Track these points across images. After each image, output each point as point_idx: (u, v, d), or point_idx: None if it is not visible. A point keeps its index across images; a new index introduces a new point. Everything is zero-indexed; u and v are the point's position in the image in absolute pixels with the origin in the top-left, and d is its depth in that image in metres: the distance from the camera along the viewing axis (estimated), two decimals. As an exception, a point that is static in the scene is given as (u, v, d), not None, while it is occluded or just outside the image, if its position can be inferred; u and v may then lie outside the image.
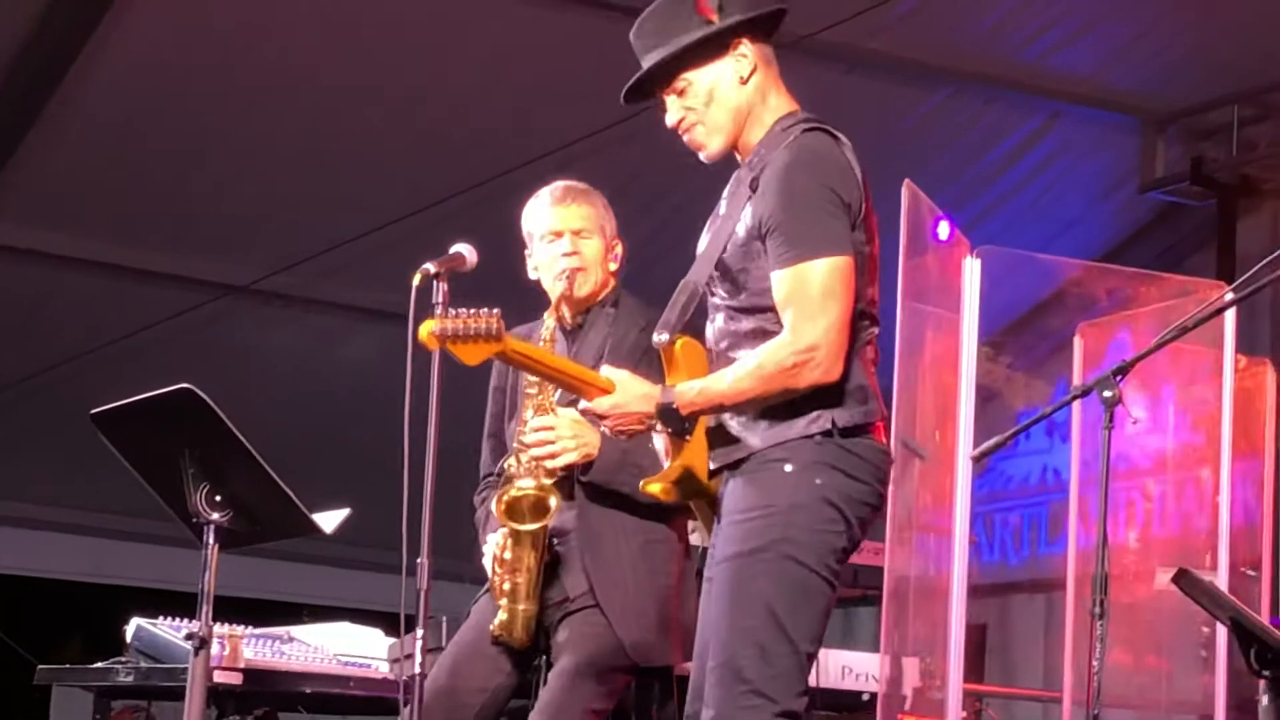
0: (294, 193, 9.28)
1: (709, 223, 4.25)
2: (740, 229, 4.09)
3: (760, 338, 4.05)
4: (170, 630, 5.56)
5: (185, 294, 9.96)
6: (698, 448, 4.17)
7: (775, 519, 3.97)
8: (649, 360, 4.36)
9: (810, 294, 3.97)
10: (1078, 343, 7.21)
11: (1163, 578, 6.66)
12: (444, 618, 5.32)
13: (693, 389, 4.05)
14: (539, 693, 4.80)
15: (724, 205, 4.21)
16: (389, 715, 5.73)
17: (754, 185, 4.10)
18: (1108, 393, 4.33)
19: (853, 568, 6.48)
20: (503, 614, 4.76)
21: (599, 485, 4.76)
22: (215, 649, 5.18)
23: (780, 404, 4.01)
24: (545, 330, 4.80)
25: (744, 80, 4.16)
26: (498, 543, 4.77)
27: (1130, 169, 9.79)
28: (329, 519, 4.74)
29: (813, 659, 4.01)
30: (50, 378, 10.33)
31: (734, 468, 4.09)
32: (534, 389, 4.79)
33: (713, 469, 4.16)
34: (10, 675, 11.99)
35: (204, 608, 4.38)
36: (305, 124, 8.87)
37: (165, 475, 4.40)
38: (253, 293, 10.00)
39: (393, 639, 5.80)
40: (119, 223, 9.45)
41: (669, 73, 4.18)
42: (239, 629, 5.51)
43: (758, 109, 4.17)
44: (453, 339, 4.03)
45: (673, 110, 4.20)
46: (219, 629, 5.27)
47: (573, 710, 4.68)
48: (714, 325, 4.17)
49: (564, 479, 4.75)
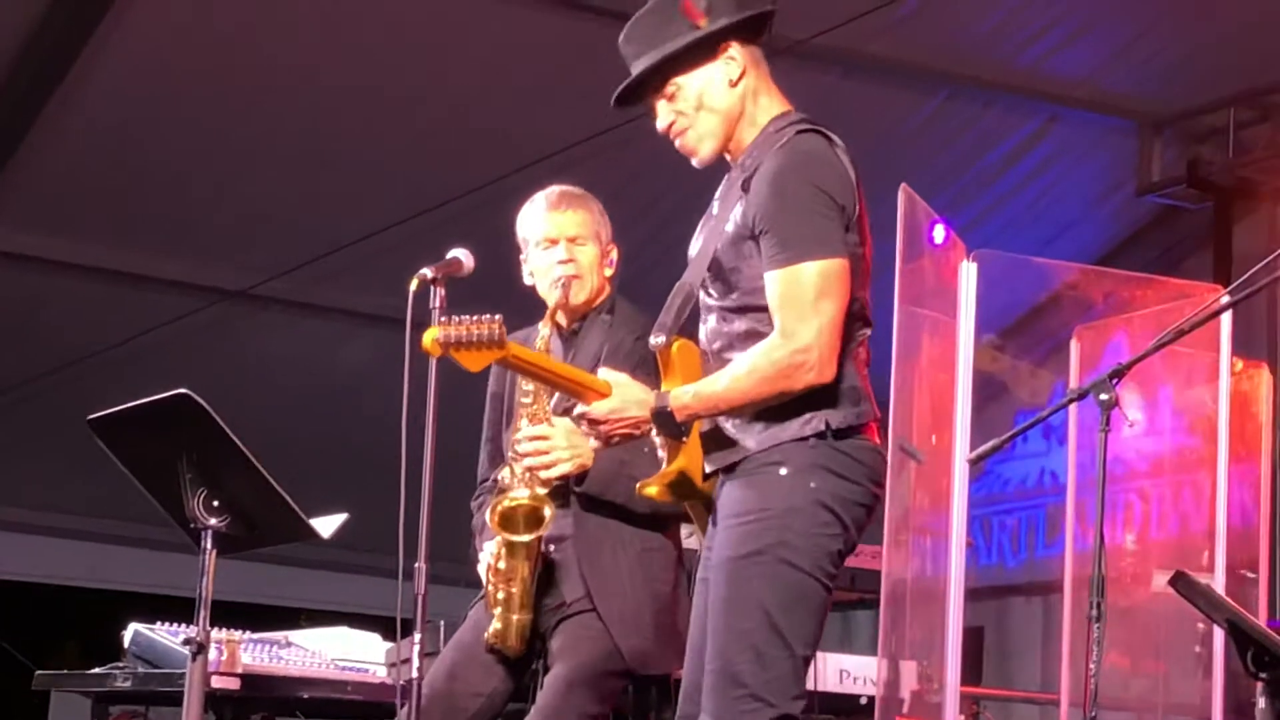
0: (291, 197, 9.28)
1: (701, 224, 4.24)
2: (731, 229, 4.09)
3: (753, 338, 4.05)
4: (168, 635, 5.56)
5: (183, 299, 9.96)
6: (694, 450, 4.17)
7: (771, 523, 3.97)
8: (646, 367, 4.35)
9: (804, 296, 3.97)
10: (1074, 346, 7.22)
11: (1160, 580, 6.66)
12: (441, 622, 5.32)
13: (687, 393, 4.05)
14: (536, 697, 4.80)
15: (716, 206, 4.20)
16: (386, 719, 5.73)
17: (745, 186, 4.09)
18: (1104, 396, 4.33)
19: (850, 571, 6.49)
20: (497, 623, 4.76)
21: (594, 495, 4.76)
22: (213, 654, 5.18)
23: (774, 406, 4.01)
24: (540, 340, 4.78)
25: (734, 83, 4.15)
26: (492, 552, 4.76)
27: (1127, 172, 9.80)
28: (326, 524, 4.74)
29: (809, 662, 4.01)
30: (48, 383, 10.33)
31: (729, 470, 4.09)
32: (529, 399, 4.77)
33: (708, 471, 4.16)
34: (8, 680, 11.98)
35: (202, 613, 4.38)
36: (303, 128, 8.87)
37: (163, 480, 4.39)
38: (250, 297, 10.00)
39: (390, 643, 5.80)
40: (117, 227, 9.45)
41: (658, 78, 4.16)
42: (237, 634, 5.51)
43: (749, 111, 4.16)
44: (455, 346, 4.02)
45: (663, 115, 4.19)
46: (216, 634, 5.27)
47: (568, 715, 4.67)
48: (706, 326, 4.17)
49: (559, 488, 4.75)
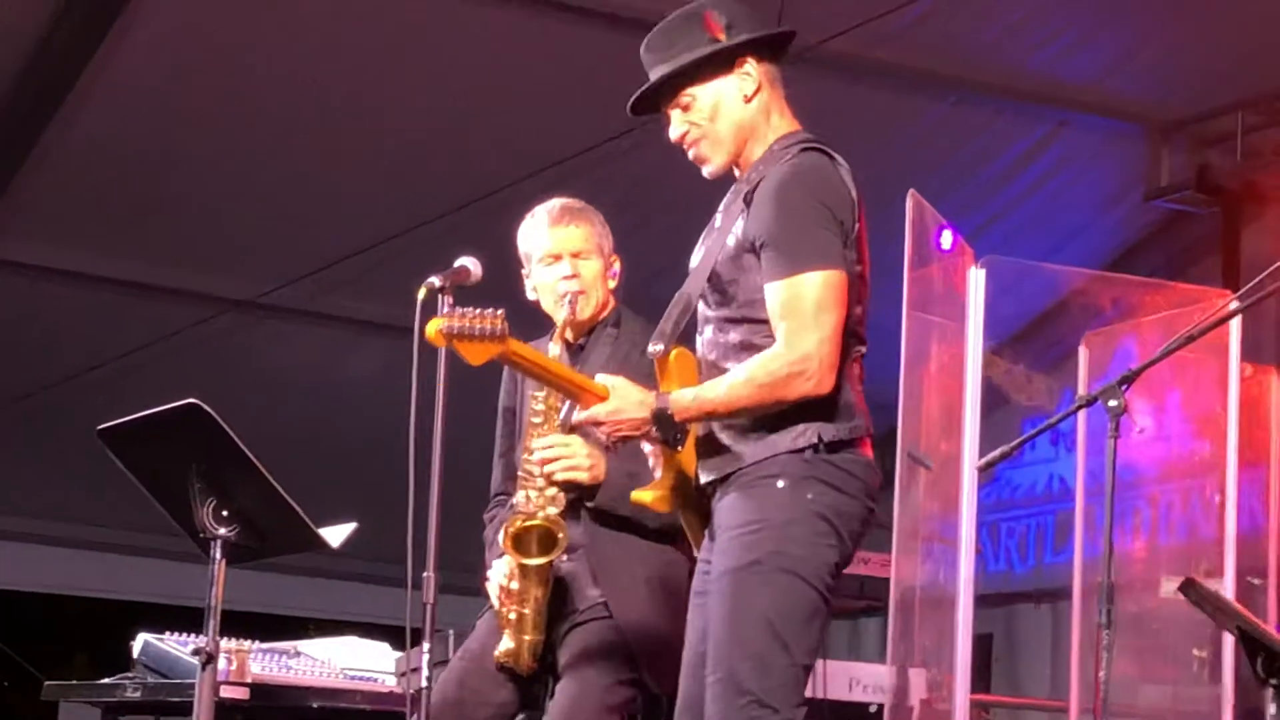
0: (298, 206, 9.28)
1: (704, 235, 4.30)
2: (732, 242, 4.15)
3: (748, 350, 4.11)
4: (177, 645, 5.57)
5: (191, 308, 9.97)
6: (688, 460, 4.21)
7: (770, 533, 4.02)
8: (652, 382, 4.37)
9: (804, 307, 4.02)
10: (1083, 352, 7.21)
11: (1169, 587, 6.66)
12: (451, 631, 5.32)
13: (687, 395, 4.10)
14: (546, 706, 4.79)
15: (719, 219, 4.26)
16: (396, 729, 5.73)
17: (748, 200, 4.15)
18: (1113, 402, 4.33)
19: (859, 579, 6.49)
20: (509, 642, 4.74)
21: (606, 509, 4.75)
22: (222, 664, 5.18)
23: (769, 417, 4.06)
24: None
25: (748, 98, 4.23)
26: (504, 573, 4.75)
27: (1135, 177, 9.78)
28: (335, 533, 4.74)
29: (809, 671, 4.05)
30: (56, 393, 10.34)
31: (724, 481, 4.14)
32: (539, 418, 4.77)
33: (704, 481, 4.20)
34: (18, 691, 12.00)
35: (211, 622, 4.38)
36: (309, 137, 8.87)
37: (172, 490, 4.40)
38: (258, 307, 10.00)
39: (399, 653, 5.80)
40: (125, 238, 9.46)
41: (674, 87, 4.24)
42: (246, 644, 5.52)
43: (761, 127, 4.24)
44: (458, 336, 4.09)
45: (677, 125, 4.26)
46: (226, 644, 5.27)
47: (581, 724, 4.67)
48: (703, 337, 4.23)
49: (571, 503, 4.74)
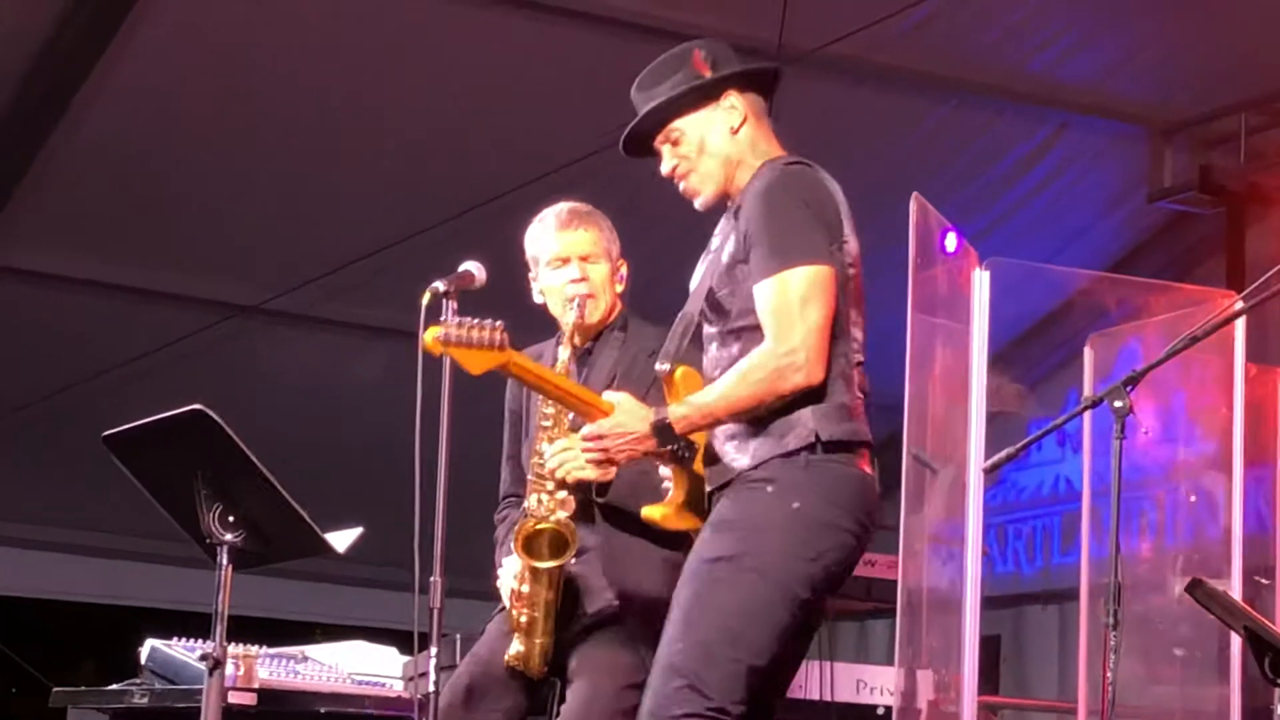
0: (302, 211, 9.29)
1: (702, 257, 4.37)
2: (725, 257, 4.22)
3: None
4: (184, 651, 5.57)
5: (195, 315, 9.97)
6: (699, 474, 4.26)
7: (746, 534, 4.07)
8: (659, 385, 4.39)
9: (790, 301, 4.08)
10: (1088, 353, 7.20)
11: (1176, 587, 6.65)
12: (458, 635, 5.32)
13: (684, 405, 4.16)
14: (555, 709, 4.79)
15: (715, 239, 4.34)
16: (404, 733, 5.73)
17: (737, 214, 4.23)
18: (1119, 403, 4.33)
19: (866, 581, 6.48)
20: (519, 645, 4.74)
21: (617, 506, 4.75)
22: (230, 669, 5.19)
23: (764, 421, 4.10)
24: (560, 365, 4.75)
25: (734, 131, 4.32)
26: (514, 573, 4.75)
27: (1138, 178, 9.79)
28: (341, 538, 4.74)
29: (760, 674, 4.04)
30: (61, 399, 10.34)
31: (723, 489, 4.19)
32: (549, 421, 4.77)
33: (707, 491, 4.25)
34: (26, 697, 12.00)
35: (218, 628, 4.39)
36: (312, 142, 8.88)
37: (178, 496, 4.40)
38: (263, 312, 10.01)
39: (407, 657, 5.80)
40: (128, 244, 9.47)
41: (662, 122, 4.34)
42: (253, 649, 5.52)
43: (748, 159, 4.31)
44: (456, 344, 4.11)
45: (667, 159, 4.36)
46: (233, 649, 5.28)
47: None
48: (707, 355, 4.28)
49: (582, 504, 4.74)
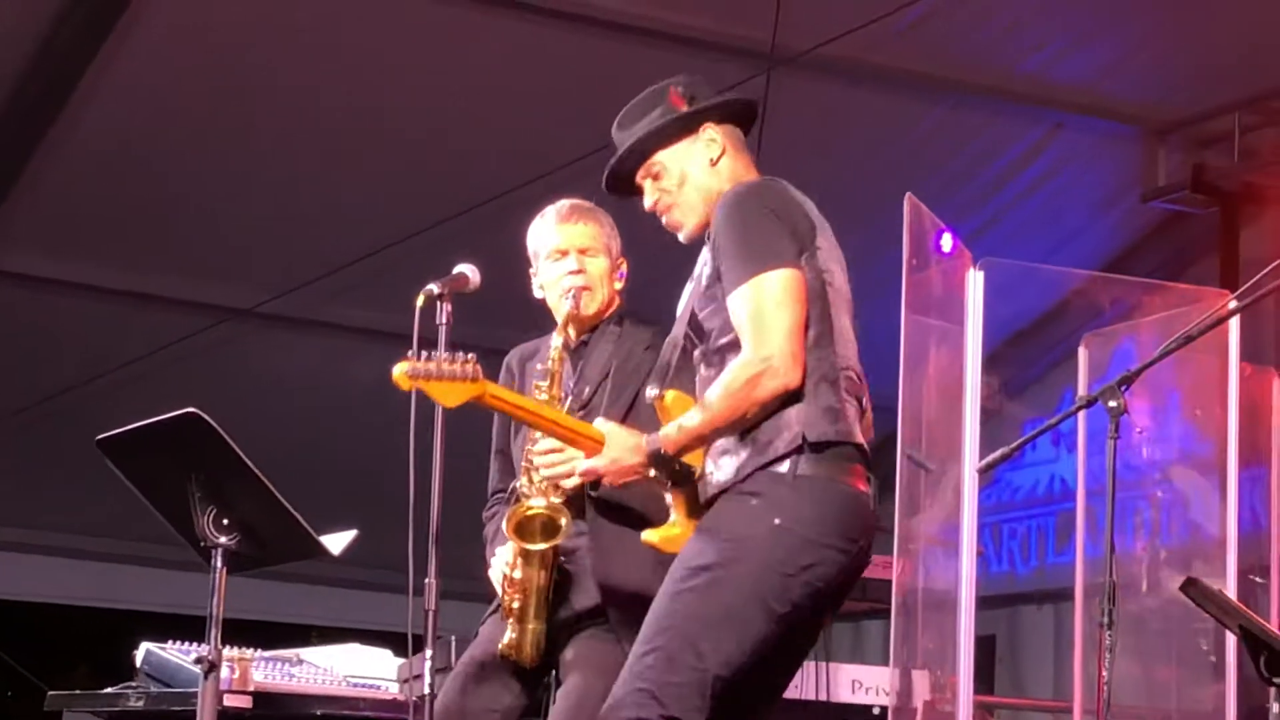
0: (296, 214, 9.29)
1: (688, 284, 4.38)
2: (705, 281, 4.26)
3: None
4: (179, 654, 5.56)
5: (189, 318, 9.97)
6: (696, 499, 4.29)
7: (726, 544, 4.09)
8: (655, 378, 4.40)
9: (761, 307, 4.10)
10: (1082, 353, 7.21)
11: (1171, 586, 6.66)
12: (453, 637, 5.32)
13: (673, 428, 4.20)
14: (548, 711, 4.79)
15: (698, 267, 4.35)
16: (399, 736, 5.73)
17: (710, 236, 4.28)
18: (1113, 403, 4.33)
19: (862, 581, 6.47)
20: (511, 633, 4.75)
21: (610, 500, 4.75)
22: (225, 672, 5.18)
23: (750, 433, 4.12)
24: (554, 351, 4.80)
25: (714, 162, 4.37)
26: (507, 560, 4.76)
27: (1132, 178, 9.80)
28: (336, 541, 4.74)
29: (726, 684, 4.04)
30: (56, 404, 10.34)
31: (713, 500, 4.21)
32: (544, 402, 4.78)
33: (700, 503, 4.27)
34: (21, 701, 11.99)
35: (213, 631, 4.38)
36: (306, 145, 8.88)
37: (172, 500, 4.40)
38: (257, 316, 10.00)
39: (402, 659, 5.80)
40: (122, 247, 9.46)
41: (643, 158, 4.39)
42: (248, 652, 5.52)
43: (727, 190, 4.31)
44: (425, 378, 4.12)
45: (649, 194, 4.40)
46: (228, 652, 5.28)
47: (583, 728, 4.67)
48: (697, 377, 4.31)
49: (575, 499, 4.74)
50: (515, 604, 4.74)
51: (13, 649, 12.57)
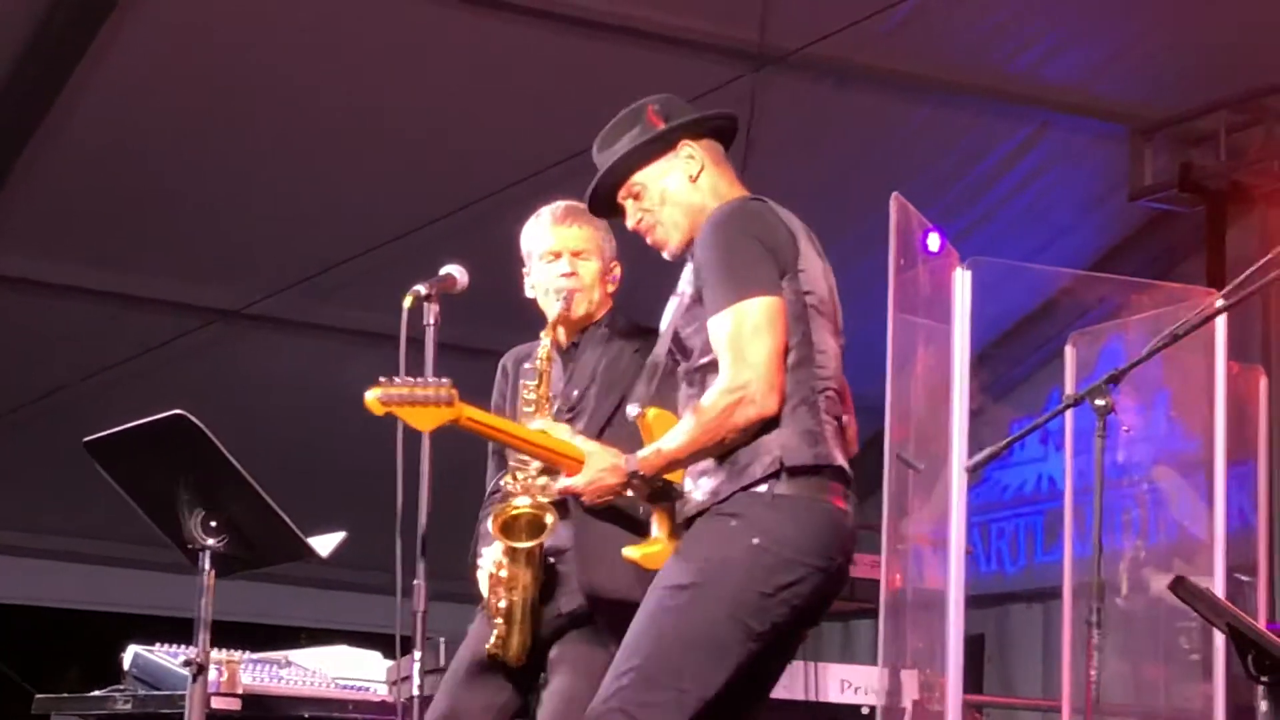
0: (285, 215, 9.28)
1: (671, 298, 4.38)
2: (687, 300, 4.26)
3: None
4: (168, 657, 5.56)
5: (178, 319, 9.95)
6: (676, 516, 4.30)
7: (703, 565, 4.09)
8: (645, 378, 4.41)
9: (739, 335, 4.10)
10: (1069, 352, 7.21)
11: (1159, 585, 6.67)
12: (441, 639, 5.32)
13: (651, 450, 4.21)
14: (536, 712, 4.79)
15: (681, 283, 4.35)
16: (388, 737, 5.73)
17: (693, 254, 4.28)
18: (1100, 401, 4.35)
19: (850, 581, 6.48)
20: (497, 632, 4.75)
21: (595, 508, 4.74)
22: (213, 675, 5.18)
23: (729, 456, 4.12)
24: (543, 351, 4.80)
25: (694, 179, 4.36)
26: (495, 560, 4.76)
27: (1119, 177, 9.80)
28: (324, 543, 4.74)
29: (705, 703, 4.04)
30: (43, 406, 10.31)
31: (692, 520, 4.21)
32: (530, 407, 4.78)
33: (679, 522, 4.28)
34: (8, 705, 11.97)
35: (201, 634, 4.38)
36: (296, 146, 8.87)
37: (160, 502, 4.40)
38: (245, 317, 9.99)
39: (390, 661, 5.79)
40: (111, 249, 9.45)
41: (623, 177, 4.38)
42: (237, 654, 5.51)
43: (710, 205, 4.33)
44: (399, 403, 4.12)
45: (631, 214, 4.40)
46: (216, 654, 5.27)
47: (572, 728, 4.67)
48: (680, 395, 4.31)
49: (559, 501, 4.74)
50: (502, 603, 4.74)
51: (1, 652, 12.55)
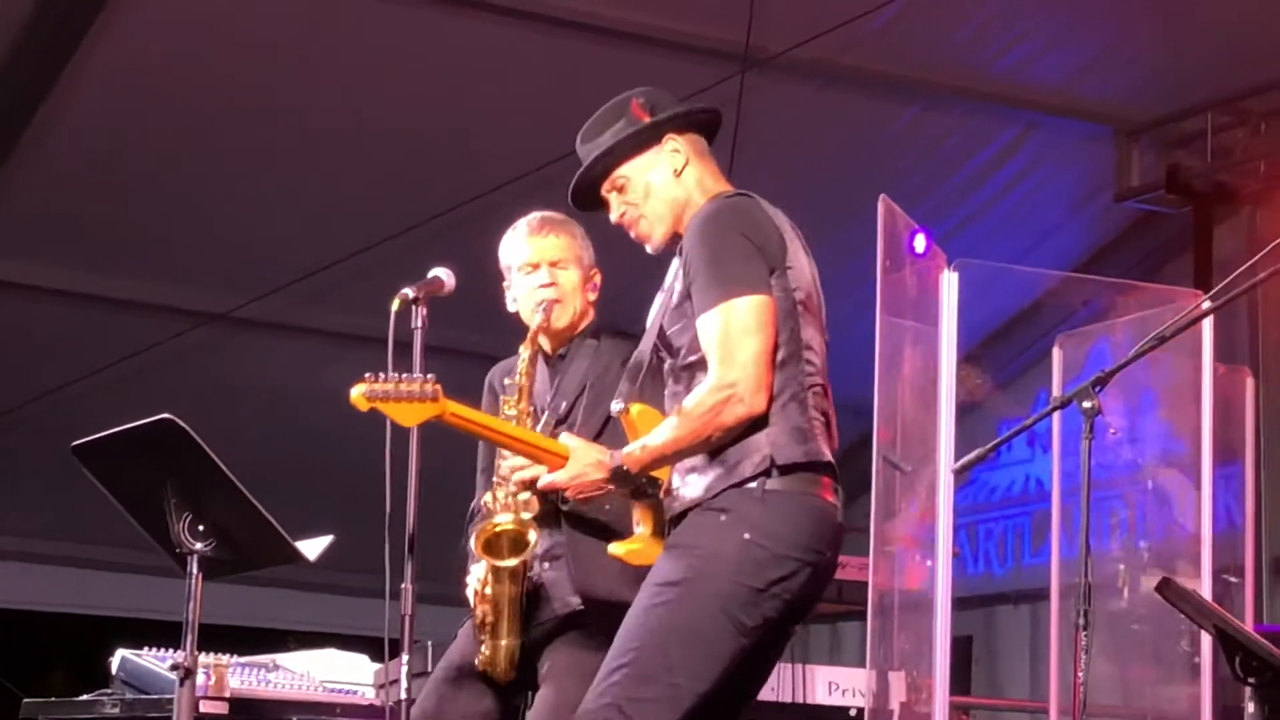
0: (272, 219, 9.27)
1: (657, 295, 4.39)
2: (675, 297, 4.26)
3: None
4: (155, 661, 5.55)
5: (164, 323, 9.94)
6: (663, 511, 4.30)
7: (695, 560, 4.09)
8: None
9: (728, 334, 4.10)
10: (1056, 353, 7.23)
11: (1146, 586, 6.68)
12: (429, 642, 5.32)
13: (637, 447, 4.21)
14: (527, 717, 4.79)
15: (668, 279, 4.36)
16: (376, 740, 5.72)
17: (681, 250, 4.27)
18: (1087, 403, 4.34)
19: (837, 583, 6.49)
20: (485, 649, 4.75)
21: (581, 513, 4.75)
22: (200, 679, 5.17)
23: (718, 453, 4.12)
24: (521, 365, 4.78)
25: (678, 173, 4.36)
26: (479, 577, 4.76)
27: (1105, 178, 9.82)
28: (312, 546, 4.74)
29: (699, 698, 4.05)
30: (30, 409, 10.31)
31: (681, 516, 4.21)
32: (512, 423, 4.77)
33: (667, 519, 4.28)
34: (-4, 709, 11.93)
35: (188, 637, 4.38)
36: (284, 150, 8.87)
37: (148, 505, 4.39)
38: (232, 320, 9.98)
39: (378, 664, 5.79)
40: (98, 252, 9.44)
41: (606, 170, 4.39)
42: (224, 658, 5.50)
43: (695, 199, 4.34)
44: (383, 399, 4.12)
45: (615, 207, 4.40)
46: (204, 658, 5.26)
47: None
48: (666, 393, 4.31)
49: (548, 510, 4.73)
50: (489, 620, 4.74)
51: (-12, 656, 12.53)
